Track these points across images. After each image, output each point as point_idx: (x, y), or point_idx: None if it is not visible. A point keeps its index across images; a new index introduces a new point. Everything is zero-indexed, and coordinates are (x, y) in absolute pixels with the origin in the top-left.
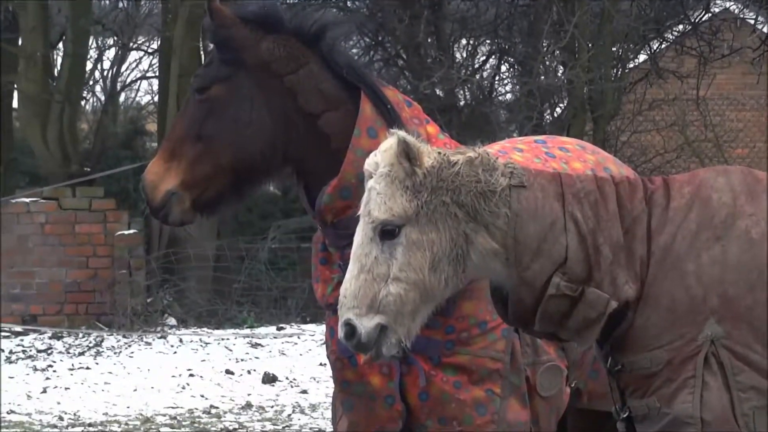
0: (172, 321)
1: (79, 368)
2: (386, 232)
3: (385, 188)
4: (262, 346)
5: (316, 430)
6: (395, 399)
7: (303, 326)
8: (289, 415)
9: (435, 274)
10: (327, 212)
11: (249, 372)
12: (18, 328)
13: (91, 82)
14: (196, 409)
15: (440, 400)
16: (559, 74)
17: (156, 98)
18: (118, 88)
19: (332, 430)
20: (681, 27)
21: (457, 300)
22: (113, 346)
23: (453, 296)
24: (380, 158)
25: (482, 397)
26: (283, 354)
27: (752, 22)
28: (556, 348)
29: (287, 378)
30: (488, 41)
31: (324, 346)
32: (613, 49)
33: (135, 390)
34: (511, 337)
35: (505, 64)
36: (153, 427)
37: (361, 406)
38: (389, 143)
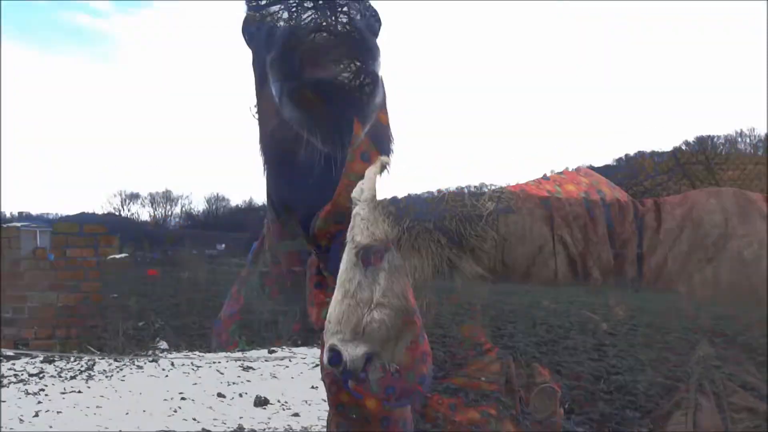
0: (164, 344)
1: (71, 392)
2: (369, 257)
3: (368, 214)
4: (254, 369)
5: None
6: (390, 421)
7: (294, 349)
8: None
9: (417, 299)
10: (321, 237)
11: (240, 395)
12: (10, 352)
13: None
14: None
15: (436, 422)
16: None
17: None
18: None
19: None
20: None
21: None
22: (105, 370)
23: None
24: (365, 185)
25: (477, 418)
26: (275, 377)
27: None
28: (551, 370)
29: (279, 401)
30: None
31: (315, 368)
32: None
33: (127, 413)
34: (507, 359)
35: None
36: None
37: (356, 428)
38: (373, 170)
